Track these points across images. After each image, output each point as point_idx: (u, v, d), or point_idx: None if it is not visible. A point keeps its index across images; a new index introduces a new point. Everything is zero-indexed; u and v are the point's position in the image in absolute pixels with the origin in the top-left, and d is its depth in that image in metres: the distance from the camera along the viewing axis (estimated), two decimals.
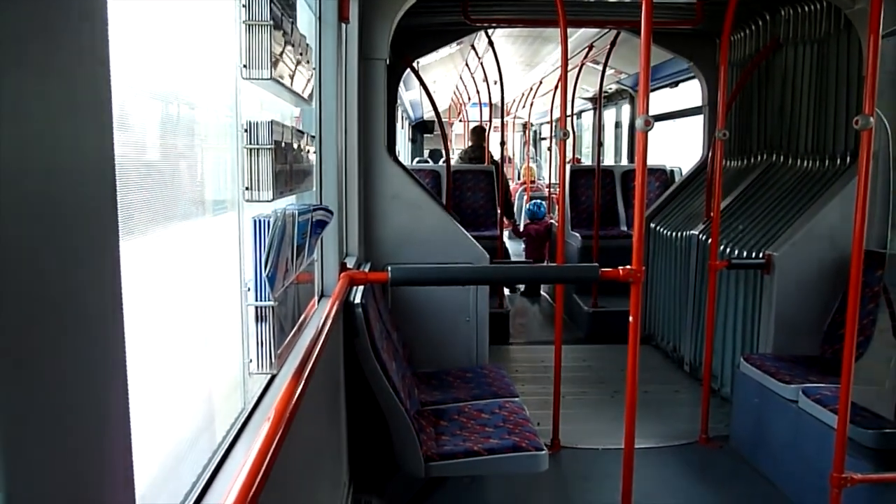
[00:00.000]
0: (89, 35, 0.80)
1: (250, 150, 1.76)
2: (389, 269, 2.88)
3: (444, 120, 8.05)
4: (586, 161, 12.33)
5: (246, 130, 1.76)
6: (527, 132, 17.15)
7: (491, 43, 7.14)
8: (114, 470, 0.87)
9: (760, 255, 4.53)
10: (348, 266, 3.49)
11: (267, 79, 1.79)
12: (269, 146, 1.76)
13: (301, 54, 2.22)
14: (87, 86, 0.80)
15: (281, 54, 1.91)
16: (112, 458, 0.87)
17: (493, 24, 6.07)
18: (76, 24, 0.77)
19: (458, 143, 13.47)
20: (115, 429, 0.87)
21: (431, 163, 13.02)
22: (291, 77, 2.09)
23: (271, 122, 1.79)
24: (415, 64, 6.13)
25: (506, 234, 8.06)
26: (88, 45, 0.80)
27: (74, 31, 0.77)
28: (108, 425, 0.86)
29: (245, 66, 1.77)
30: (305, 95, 2.39)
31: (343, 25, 3.35)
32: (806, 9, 4.92)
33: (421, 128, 18.63)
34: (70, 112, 0.77)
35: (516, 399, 3.86)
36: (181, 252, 1.59)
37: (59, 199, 0.73)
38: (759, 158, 5.63)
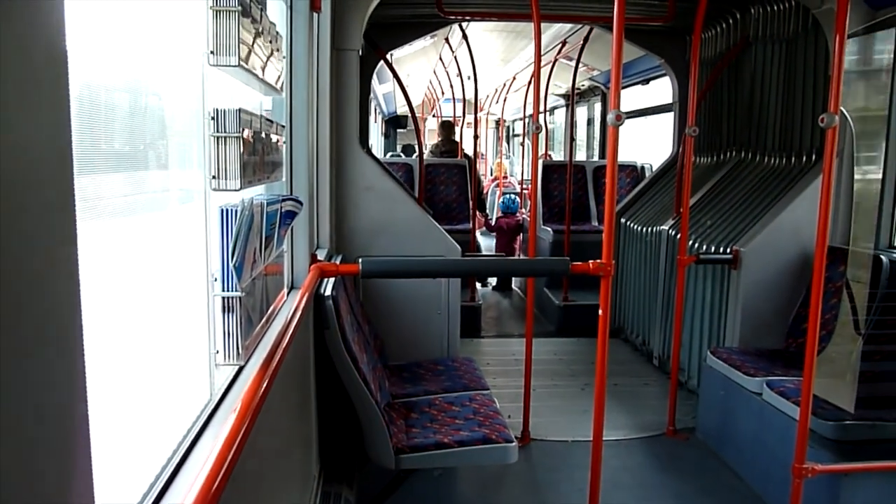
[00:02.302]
0: (46, 19, 0.78)
1: (217, 138, 1.73)
2: (361, 261, 2.86)
3: (417, 115, 8.04)
4: (558, 157, 12.38)
5: (213, 118, 1.73)
6: (500, 128, 17.19)
7: (465, 36, 7.13)
8: (72, 467, 0.85)
9: (728, 250, 4.60)
10: (319, 258, 3.47)
11: (234, 65, 1.76)
12: (236, 134, 1.74)
13: (270, 42, 2.19)
14: (42, 72, 0.78)
15: (250, 42, 1.88)
16: (70, 455, 0.85)
17: (467, 18, 6.06)
18: (31, 8, 0.75)
19: (432, 139, 13.46)
20: (73, 424, 0.85)
21: (404, 157, 12.97)
22: (260, 65, 2.06)
23: (239, 109, 1.76)
24: (388, 56, 6.10)
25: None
26: (44, 29, 0.78)
27: (29, 16, 0.75)
28: (65, 420, 0.83)
29: (212, 52, 1.74)
30: (275, 84, 2.36)
31: (315, 15, 3.31)
32: (775, 8, 5.00)
33: (394, 122, 18.53)
34: (25, 100, 0.74)
35: (487, 392, 3.88)
36: (145, 240, 1.56)
37: (14, 189, 0.71)
38: (728, 155, 5.71)
